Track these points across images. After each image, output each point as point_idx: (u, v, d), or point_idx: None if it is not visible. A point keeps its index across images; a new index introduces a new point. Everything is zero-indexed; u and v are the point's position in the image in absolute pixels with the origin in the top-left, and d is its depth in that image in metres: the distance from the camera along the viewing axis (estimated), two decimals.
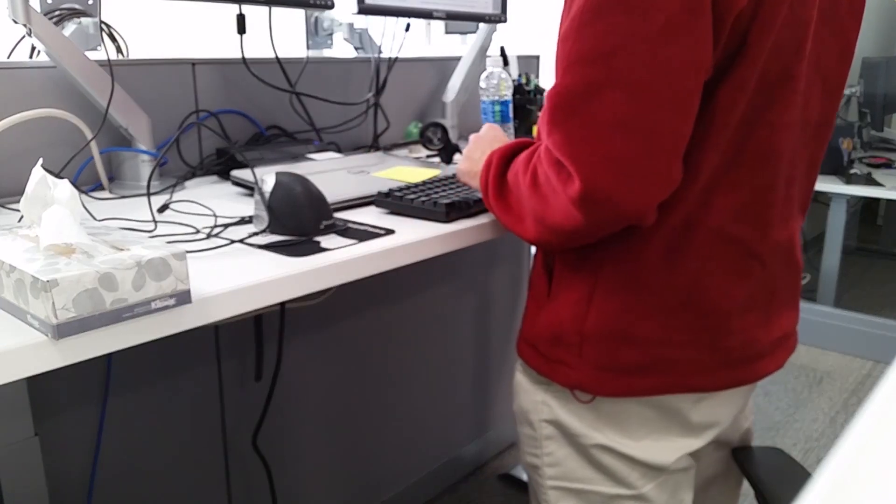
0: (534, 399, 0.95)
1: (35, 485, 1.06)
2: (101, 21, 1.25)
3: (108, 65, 1.10)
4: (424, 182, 1.09)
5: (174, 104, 1.26)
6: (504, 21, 1.59)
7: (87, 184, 1.14)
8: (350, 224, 0.96)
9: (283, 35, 1.43)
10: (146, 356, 1.24)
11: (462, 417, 2.00)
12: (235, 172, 1.15)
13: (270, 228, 0.89)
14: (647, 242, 0.82)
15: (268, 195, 0.90)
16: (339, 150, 1.41)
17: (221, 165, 1.26)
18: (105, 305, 0.61)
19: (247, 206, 1.04)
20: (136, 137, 1.15)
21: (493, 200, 0.91)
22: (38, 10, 1.02)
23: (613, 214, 0.74)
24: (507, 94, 1.42)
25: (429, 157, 1.41)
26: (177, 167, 1.25)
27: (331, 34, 1.60)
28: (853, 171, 2.76)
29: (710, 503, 1.07)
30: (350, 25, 1.60)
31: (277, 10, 1.32)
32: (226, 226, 0.94)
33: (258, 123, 1.38)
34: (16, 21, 0.98)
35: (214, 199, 1.10)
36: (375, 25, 1.58)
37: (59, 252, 0.63)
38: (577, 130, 0.73)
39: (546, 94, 0.76)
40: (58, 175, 0.84)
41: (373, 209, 1.05)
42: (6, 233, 0.70)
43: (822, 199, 2.83)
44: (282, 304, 1.38)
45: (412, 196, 1.01)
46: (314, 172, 1.12)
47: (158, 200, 1.06)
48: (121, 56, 1.30)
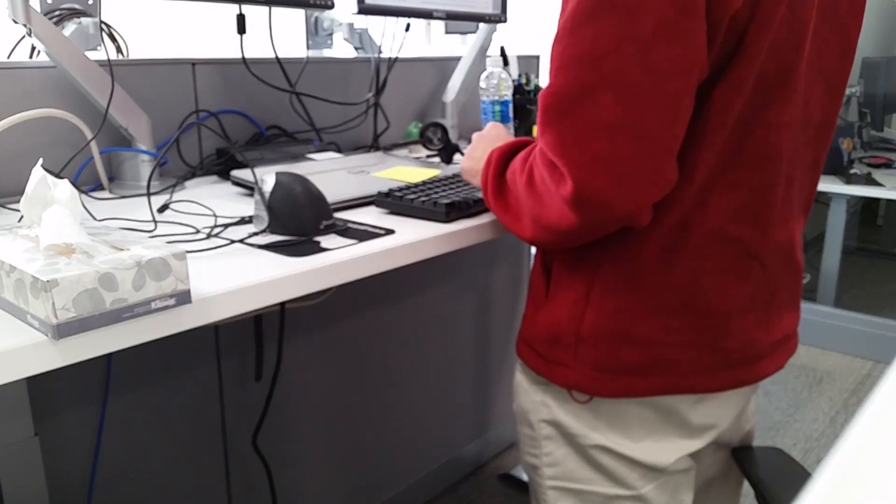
0: (533, 399, 0.95)
1: (35, 485, 1.06)
2: (101, 21, 1.25)
3: (108, 65, 1.10)
4: (424, 182, 1.09)
5: (174, 104, 1.26)
6: (504, 21, 1.59)
7: (87, 184, 1.14)
8: (350, 224, 0.96)
9: (283, 35, 1.43)
10: (146, 356, 1.24)
11: (462, 417, 2.00)
12: (235, 172, 1.15)
13: (270, 228, 0.89)
14: (645, 243, 0.82)
15: (268, 195, 0.90)
16: (339, 150, 1.41)
17: (221, 165, 1.26)
18: (105, 305, 0.61)
19: (247, 206, 1.04)
20: (136, 137, 1.15)
21: (492, 199, 0.92)
22: (38, 10, 1.02)
23: (606, 215, 0.74)
24: (507, 94, 1.42)
25: (429, 157, 1.41)
26: (177, 167, 1.25)
27: (331, 34, 1.60)
28: (853, 171, 2.76)
29: None
30: (350, 25, 1.60)
31: (277, 10, 1.32)
32: (226, 226, 0.94)
33: (258, 123, 1.38)
34: (16, 21, 0.98)
35: (214, 199, 1.10)
36: (375, 25, 1.58)
37: (59, 252, 0.63)
38: (569, 132, 0.73)
39: (539, 96, 0.76)
40: (58, 175, 0.84)
41: (373, 209, 1.05)
42: (6, 233, 0.70)
43: (822, 199, 2.83)
44: (282, 304, 1.38)
45: (412, 196, 1.01)
46: (314, 172, 1.12)
47: (158, 200, 1.06)
48: (121, 56, 1.30)
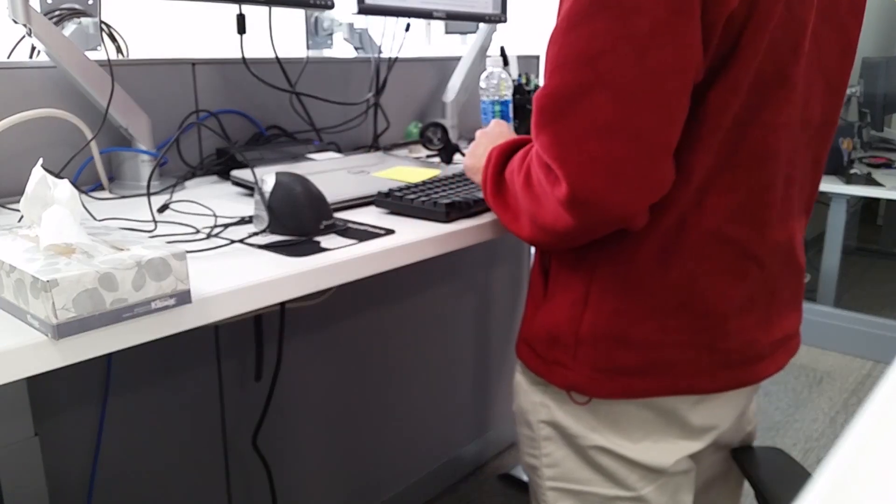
0: (532, 400, 0.95)
1: (35, 485, 1.06)
2: (101, 21, 1.25)
3: (108, 65, 1.10)
4: (424, 182, 1.09)
5: (174, 104, 1.26)
6: (504, 21, 1.59)
7: (87, 184, 1.14)
8: (350, 224, 0.96)
9: (283, 35, 1.43)
10: (146, 356, 1.24)
11: (462, 417, 2.00)
12: (235, 172, 1.15)
13: (270, 228, 0.89)
14: (642, 244, 0.82)
15: (268, 195, 0.90)
16: (339, 150, 1.41)
17: (221, 165, 1.26)
18: (105, 305, 0.61)
19: (247, 206, 1.04)
20: (136, 137, 1.15)
21: (491, 197, 0.91)
22: (38, 10, 1.02)
23: (602, 217, 0.74)
24: (507, 94, 1.42)
25: (429, 157, 1.41)
26: (177, 167, 1.25)
27: (331, 34, 1.60)
28: (853, 171, 2.76)
29: None
30: (350, 25, 1.60)
31: (277, 10, 1.32)
32: (226, 226, 0.94)
33: (258, 123, 1.38)
34: (16, 21, 0.98)
35: (214, 199, 1.09)
36: (375, 25, 1.58)
37: (59, 252, 0.63)
38: (563, 133, 0.72)
39: (534, 97, 0.76)
40: (58, 175, 0.84)
41: (373, 209, 1.05)
42: (6, 233, 0.70)
43: (822, 199, 2.82)
44: (282, 304, 1.38)
45: (412, 196, 1.01)
46: (314, 172, 1.12)
47: (158, 200, 1.06)
48: (121, 56, 1.30)
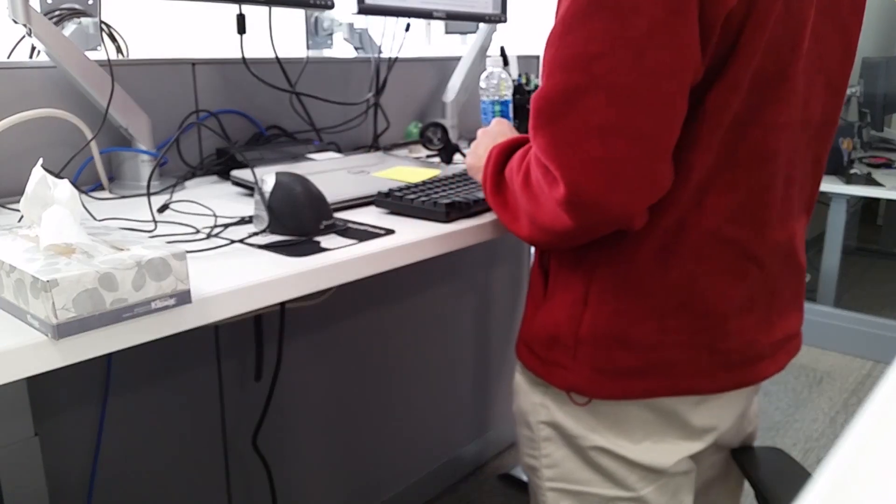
0: (532, 401, 0.95)
1: (35, 485, 1.06)
2: (101, 21, 1.25)
3: (108, 65, 1.10)
4: (424, 182, 1.09)
5: (174, 104, 1.26)
6: (504, 21, 1.59)
7: (87, 184, 1.14)
8: (350, 224, 0.96)
9: (283, 35, 1.43)
10: (146, 356, 1.24)
11: (462, 417, 2.00)
12: (235, 172, 1.15)
13: (270, 228, 0.89)
14: (641, 244, 0.81)
15: (268, 195, 0.90)
16: (339, 150, 1.41)
17: (221, 165, 1.26)
18: (105, 305, 0.61)
19: (247, 206, 1.04)
20: (136, 137, 1.15)
21: (491, 196, 0.91)
22: (38, 10, 1.02)
23: (600, 218, 0.74)
24: (507, 94, 1.42)
25: (429, 157, 1.41)
26: (177, 167, 1.25)
27: (331, 34, 1.60)
28: (853, 171, 2.76)
29: None
30: (350, 25, 1.60)
31: (277, 10, 1.32)
32: (226, 226, 0.94)
33: (258, 123, 1.38)
34: (16, 21, 0.98)
35: (214, 199, 1.09)
36: (375, 25, 1.58)
37: (59, 252, 0.63)
38: (561, 135, 0.72)
39: (531, 99, 0.76)
40: (58, 175, 0.84)
41: (373, 209, 1.05)
42: (6, 233, 0.70)
43: (823, 199, 2.82)
44: (282, 304, 1.38)
45: (412, 196, 1.01)
46: (314, 172, 1.12)
47: (158, 200, 1.06)
48: (121, 56, 1.30)
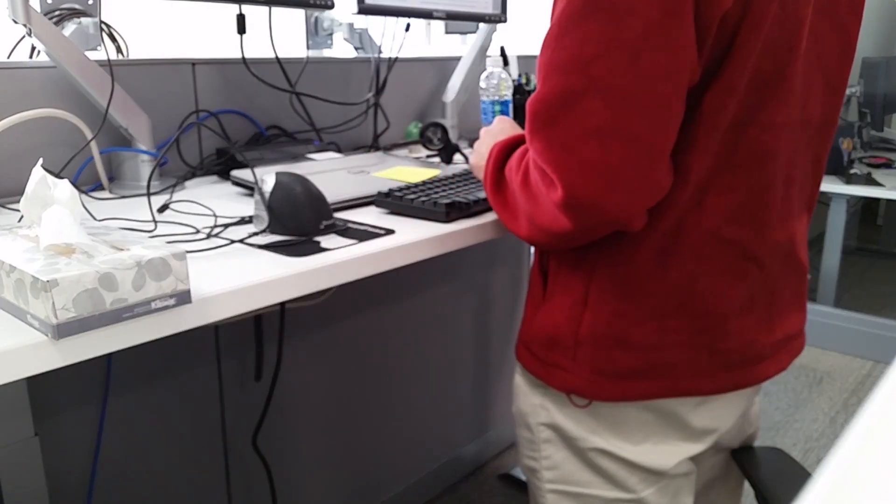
0: (532, 402, 0.95)
1: (35, 485, 1.06)
2: (101, 21, 1.25)
3: (108, 65, 1.10)
4: (424, 182, 1.09)
5: (174, 104, 1.26)
6: (504, 21, 1.59)
7: (87, 184, 1.14)
8: (350, 224, 0.96)
9: (283, 35, 1.43)
10: (146, 356, 1.24)
11: (462, 417, 2.00)
12: (235, 172, 1.15)
13: (270, 228, 0.89)
14: (640, 246, 0.81)
15: (268, 195, 0.90)
16: (339, 150, 1.41)
17: (221, 165, 1.26)
18: (105, 305, 0.61)
19: (247, 206, 1.04)
20: (136, 137, 1.15)
21: (491, 195, 0.91)
22: (38, 10, 1.02)
23: (599, 220, 0.74)
24: (507, 94, 1.42)
25: (429, 157, 1.41)
26: (177, 167, 1.25)
27: (331, 34, 1.60)
28: (853, 171, 2.76)
29: None
30: (350, 25, 1.60)
31: (277, 10, 1.32)
32: (226, 226, 0.94)
33: (258, 123, 1.38)
34: (16, 21, 0.98)
35: (214, 199, 1.09)
36: (375, 25, 1.58)
37: (59, 252, 0.63)
38: (557, 138, 0.72)
39: (527, 103, 0.75)
40: (58, 175, 0.84)
41: (373, 209, 1.05)
42: (6, 233, 0.70)
43: (823, 199, 2.82)
44: (282, 304, 1.38)
45: (412, 196, 1.01)
46: (314, 172, 1.12)
47: (158, 200, 1.06)
48: (121, 56, 1.30)
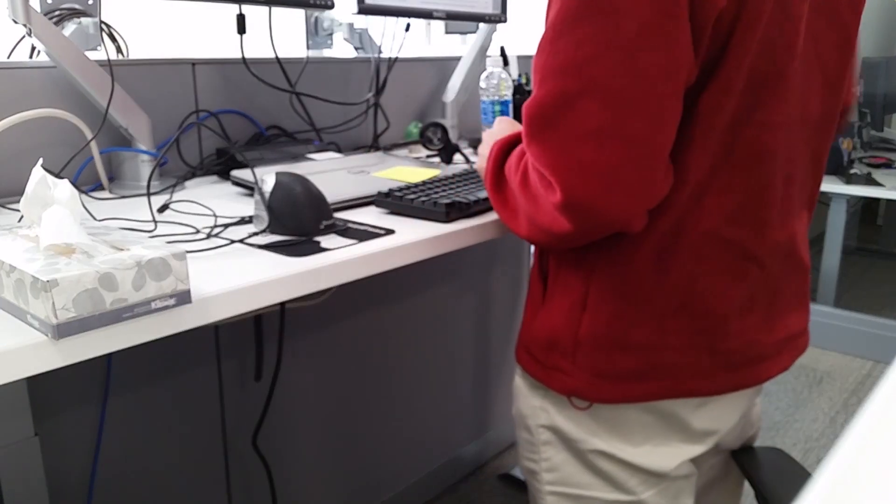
0: (532, 404, 0.95)
1: (35, 485, 1.06)
2: (101, 21, 1.25)
3: (108, 65, 1.10)
4: (424, 182, 1.09)
5: (174, 104, 1.26)
6: (504, 21, 1.59)
7: (87, 184, 1.14)
8: (350, 224, 0.96)
9: (283, 35, 1.43)
10: (146, 356, 1.24)
11: (462, 417, 2.00)
12: (235, 172, 1.15)
13: (270, 228, 0.89)
14: (638, 248, 0.81)
15: (268, 195, 0.90)
16: (339, 150, 1.41)
17: (221, 165, 1.26)
18: (105, 305, 0.61)
19: (247, 206, 1.04)
20: (136, 137, 1.15)
21: (491, 193, 0.90)
22: (38, 10, 1.02)
23: (598, 222, 0.73)
24: (507, 94, 1.42)
25: (429, 157, 1.41)
26: (177, 167, 1.25)
27: (331, 34, 1.60)
28: (853, 171, 2.76)
29: None
30: (350, 25, 1.60)
31: (277, 10, 1.32)
32: (226, 226, 0.94)
33: (258, 123, 1.38)
34: (16, 21, 0.98)
35: (214, 199, 1.09)
36: (375, 25, 1.58)
37: (59, 252, 0.63)
38: (555, 141, 0.72)
39: (523, 107, 0.75)
40: (58, 175, 0.84)
41: (373, 209, 1.05)
42: (6, 233, 0.70)
43: (823, 199, 2.81)
44: (282, 304, 1.38)
45: (412, 196, 1.01)
46: (314, 172, 1.12)
47: (158, 200, 1.06)
48: (121, 56, 1.30)
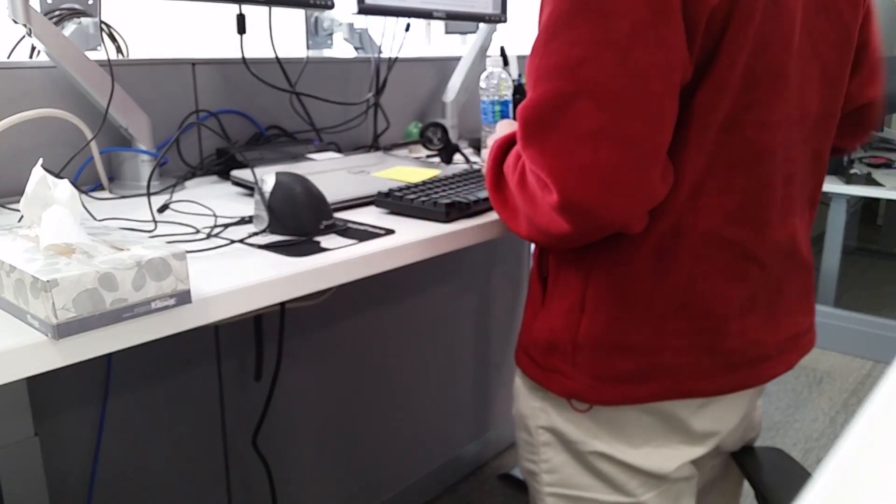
0: (531, 405, 0.94)
1: (35, 485, 1.06)
2: (101, 21, 1.25)
3: (108, 65, 1.10)
4: (424, 182, 1.09)
5: (174, 104, 1.26)
6: (504, 21, 1.59)
7: (87, 184, 1.14)
8: (350, 224, 0.96)
9: (283, 35, 1.43)
10: (146, 356, 1.24)
11: (462, 417, 2.00)
12: (235, 172, 1.15)
13: (270, 228, 0.89)
14: (636, 249, 0.81)
15: (268, 195, 0.90)
16: (339, 150, 1.41)
17: (221, 165, 1.26)
18: (105, 305, 0.61)
19: (247, 206, 1.04)
20: (136, 137, 1.15)
21: (491, 193, 0.90)
22: (38, 10, 1.02)
23: (597, 223, 0.73)
24: (507, 94, 1.42)
25: (429, 157, 1.41)
26: (177, 167, 1.25)
27: (331, 34, 1.60)
28: (853, 171, 2.76)
29: None
30: (350, 25, 1.60)
31: (277, 10, 1.32)
32: (226, 226, 0.94)
33: (258, 123, 1.38)
34: (16, 21, 0.98)
35: (214, 199, 1.09)
36: (375, 25, 1.58)
37: (59, 252, 0.63)
38: (550, 143, 0.71)
39: (518, 110, 0.74)
40: (58, 175, 0.84)
41: (373, 209, 1.05)
42: (6, 233, 0.70)
43: (823, 199, 2.81)
44: (282, 304, 1.38)
45: (412, 196, 1.01)
46: (314, 172, 1.12)
47: (158, 200, 1.06)
48: (121, 56, 1.30)
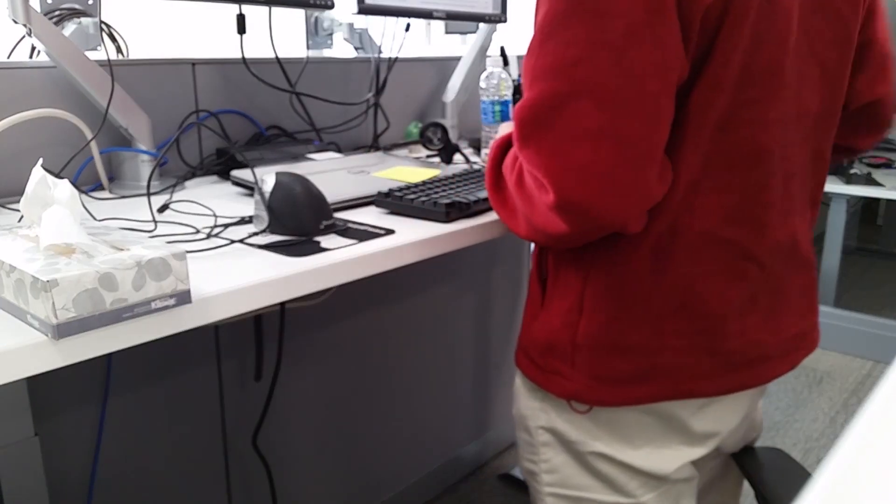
0: (531, 405, 0.94)
1: (35, 485, 1.06)
2: (101, 21, 1.25)
3: (108, 65, 1.10)
4: (424, 182, 1.09)
5: (174, 104, 1.26)
6: (504, 21, 1.59)
7: (87, 184, 1.14)
8: (350, 224, 0.96)
9: (283, 35, 1.43)
10: (146, 356, 1.24)
11: (462, 417, 2.00)
12: (235, 172, 1.15)
13: (270, 228, 0.89)
14: (634, 249, 0.81)
15: (268, 195, 0.90)
16: (339, 150, 1.41)
17: (221, 165, 1.26)
18: (105, 305, 0.61)
19: (247, 206, 1.04)
20: (136, 137, 1.15)
21: (491, 193, 0.89)
22: (38, 10, 1.02)
23: (595, 224, 0.73)
24: (507, 94, 1.42)
25: (429, 157, 1.41)
26: (177, 167, 1.25)
27: (331, 34, 1.60)
28: (853, 171, 2.76)
29: None
30: (350, 25, 1.60)
31: (277, 10, 1.32)
32: (226, 226, 0.94)
33: (258, 123, 1.38)
34: (16, 21, 0.98)
35: (214, 199, 1.09)
36: (375, 25, 1.58)
37: (59, 252, 0.63)
38: (547, 143, 0.71)
39: (514, 110, 0.75)
40: (58, 175, 0.84)
41: (373, 209, 1.05)
42: (6, 233, 0.70)
43: (823, 199, 2.82)
44: (282, 304, 1.38)
45: (412, 196, 1.01)
46: (314, 172, 1.12)
47: (158, 200, 1.06)
48: (121, 56, 1.30)
